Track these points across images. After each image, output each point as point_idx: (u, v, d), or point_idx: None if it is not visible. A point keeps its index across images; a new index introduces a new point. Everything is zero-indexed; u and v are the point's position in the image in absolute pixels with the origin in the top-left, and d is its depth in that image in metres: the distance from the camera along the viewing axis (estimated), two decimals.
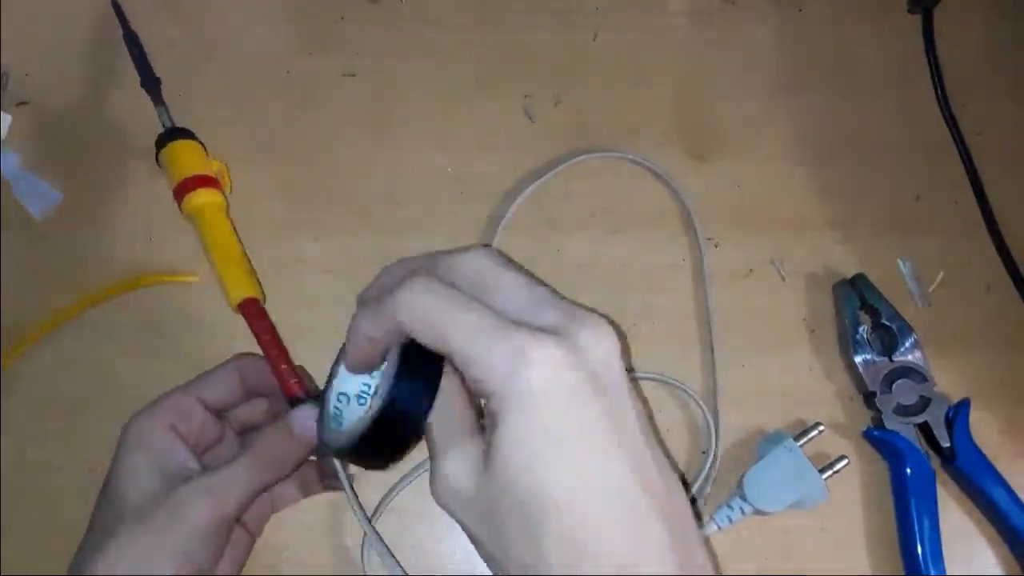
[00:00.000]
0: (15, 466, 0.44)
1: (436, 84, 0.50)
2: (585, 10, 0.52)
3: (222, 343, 0.45)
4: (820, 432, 0.43)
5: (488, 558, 0.27)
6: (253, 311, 0.41)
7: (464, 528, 0.28)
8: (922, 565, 0.41)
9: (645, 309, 0.46)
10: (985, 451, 0.42)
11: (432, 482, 0.28)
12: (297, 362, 0.42)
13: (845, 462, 0.42)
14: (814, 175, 0.48)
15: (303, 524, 0.43)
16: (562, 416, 0.26)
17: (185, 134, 0.46)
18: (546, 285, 0.29)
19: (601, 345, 0.27)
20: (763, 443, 0.43)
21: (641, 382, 0.45)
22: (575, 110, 0.49)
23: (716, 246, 0.47)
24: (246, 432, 0.41)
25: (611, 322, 0.28)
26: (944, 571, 0.41)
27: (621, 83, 0.50)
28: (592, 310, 0.28)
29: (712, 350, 0.45)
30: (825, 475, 0.42)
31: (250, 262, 0.44)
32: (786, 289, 0.47)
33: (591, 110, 0.49)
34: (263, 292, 0.43)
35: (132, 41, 0.48)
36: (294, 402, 0.38)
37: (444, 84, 0.50)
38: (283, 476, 0.36)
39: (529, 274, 0.29)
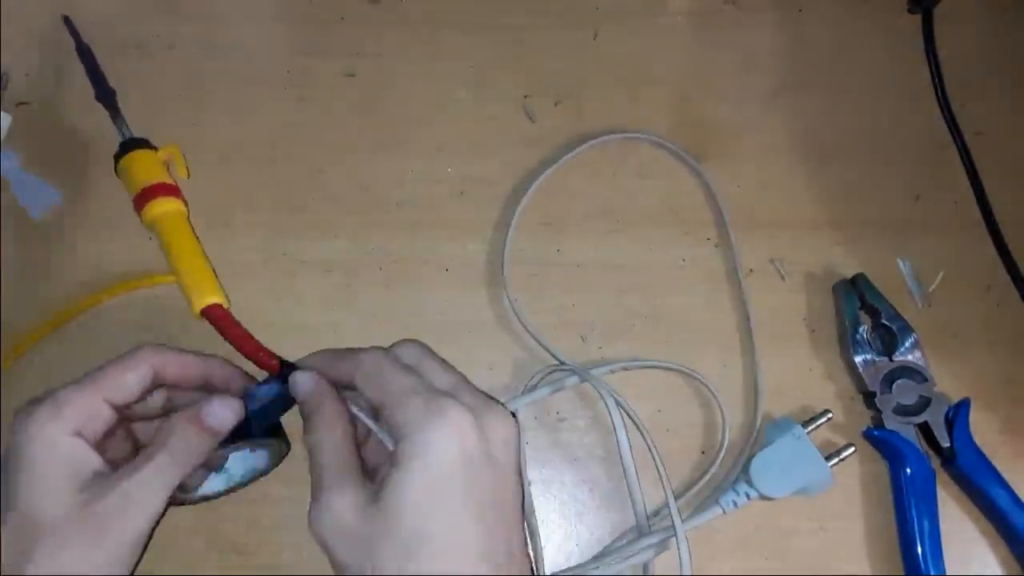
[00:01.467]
0: None
1: (436, 84, 0.50)
2: (585, 10, 0.52)
3: (222, 343, 0.45)
4: (829, 419, 0.43)
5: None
6: (218, 315, 0.41)
7: (332, 554, 0.32)
8: (922, 565, 0.41)
9: (645, 309, 0.46)
10: (985, 451, 0.42)
11: (314, 513, 0.33)
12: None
13: (852, 450, 0.42)
14: (814, 175, 0.48)
15: (303, 524, 0.43)
16: (456, 473, 0.31)
17: (139, 144, 0.45)
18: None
19: (503, 429, 0.34)
20: (770, 428, 0.43)
21: (650, 371, 0.45)
22: (575, 110, 0.49)
23: (716, 246, 0.47)
24: (132, 421, 0.38)
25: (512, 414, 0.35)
26: (944, 571, 0.41)
27: (621, 83, 0.50)
28: (494, 400, 0.35)
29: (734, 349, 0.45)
30: (831, 463, 0.42)
31: (213, 268, 0.43)
32: (786, 289, 0.47)
33: (591, 110, 0.49)
34: (227, 297, 0.43)
35: (84, 54, 0.48)
36: (284, 370, 0.38)
37: (444, 84, 0.50)
38: (194, 469, 0.35)
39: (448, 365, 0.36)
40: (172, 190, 0.44)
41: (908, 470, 0.42)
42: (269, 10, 0.52)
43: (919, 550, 0.41)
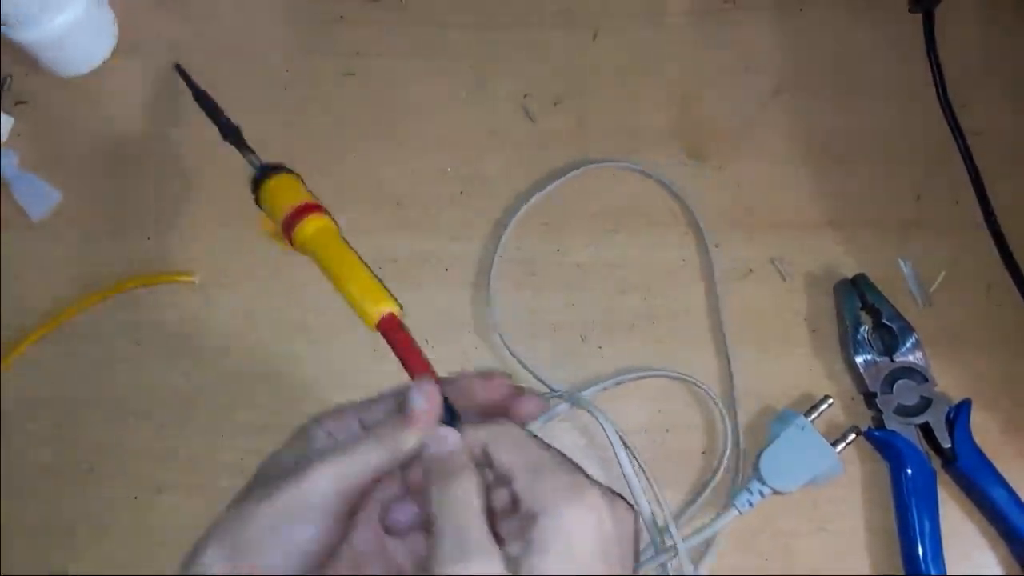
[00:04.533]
0: (15, 466, 0.44)
1: (436, 84, 0.50)
2: (585, 10, 0.51)
3: (222, 343, 0.45)
4: (830, 405, 0.43)
5: None
6: (391, 326, 0.38)
7: None
8: (922, 565, 0.41)
9: (645, 309, 0.46)
10: (986, 452, 0.42)
11: None
12: (294, 361, 0.42)
13: (853, 436, 0.42)
14: (814, 175, 0.48)
15: None
16: (594, 563, 0.29)
17: (278, 170, 0.43)
18: None
19: (630, 519, 0.32)
20: (774, 423, 0.43)
21: (645, 380, 0.45)
22: (575, 110, 0.49)
23: (716, 246, 0.47)
24: None
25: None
26: (944, 571, 0.41)
27: (621, 83, 0.50)
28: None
29: (724, 350, 0.45)
30: (838, 448, 0.42)
31: (378, 277, 0.40)
32: (786, 289, 0.46)
33: (591, 110, 0.49)
34: (399, 304, 0.39)
35: (202, 98, 0.46)
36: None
37: (444, 84, 0.50)
38: (398, 462, 0.33)
39: None
40: (318, 208, 0.41)
41: (909, 470, 0.42)
42: (269, 10, 0.52)
43: (919, 550, 0.41)
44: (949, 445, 0.42)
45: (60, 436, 0.44)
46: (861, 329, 0.44)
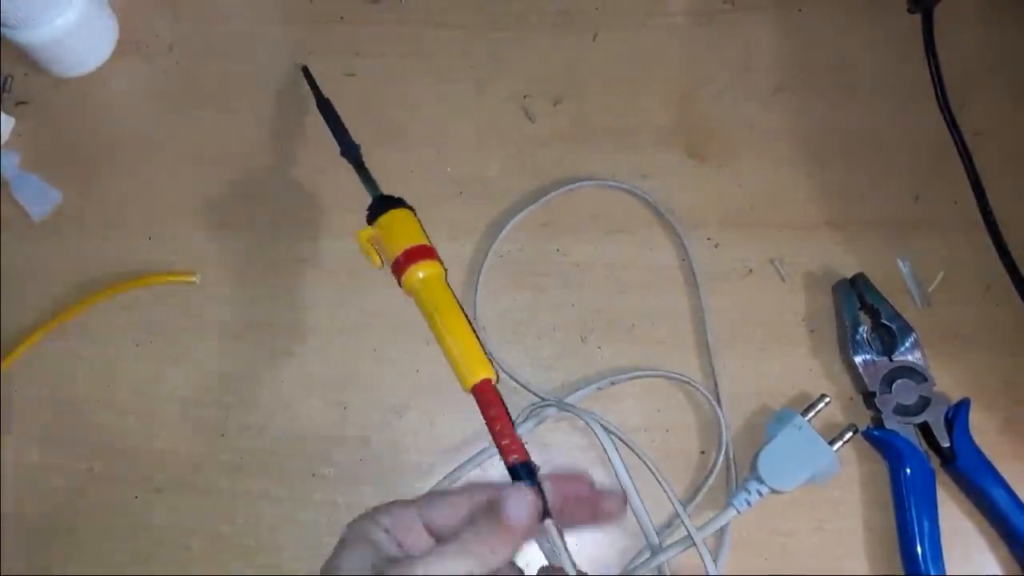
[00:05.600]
0: (15, 466, 0.44)
1: (436, 84, 0.50)
2: (585, 10, 0.52)
3: (222, 343, 0.45)
4: (827, 404, 0.43)
5: None
6: (486, 393, 0.37)
7: None
8: (922, 565, 0.41)
9: (644, 309, 0.46)
10: (985, 451, 0.42)
11: None
12: (295, 362, 0.42)
13: (850, 434, 0.42)
14: (814, 175, 0.48)
15: (303, 524, 0.43)
16: None
17: (397, 203, 0.42)
18: None
19: None
20: (771, 423, 0.44)
21: (644, 381, 0.45)
22: (575, 110, 0.49)
23: (716, 246, 0.47)
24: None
25: None
26: (944, 571, 0.41)
27: (621, 83, 0.50)
28: None
29: (710, 350, 0.45)
30: (835, 446, 0.42)
31: (478, 336, 0.39)
32: (786, 289, 0.47)
33: (591, 110, 0.49)
34: (494, 368, 0.38)
35: (325, 108, 0.45)
36: (513, 474, 0.34)
37: (444, 84, 0.50)
38: (496, 568, 0.31)
39: None
40: (431, 253, 0.40)
41: (908, 470, 0.42)
42: (269, 10, 0.52)
43: (919, 550, 0.41)
44: (948, 444, 0.42)
45: (60, 436, 0.44)
46: (860, 329, 0.44)
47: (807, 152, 0.49)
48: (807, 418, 0.42)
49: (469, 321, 0.39)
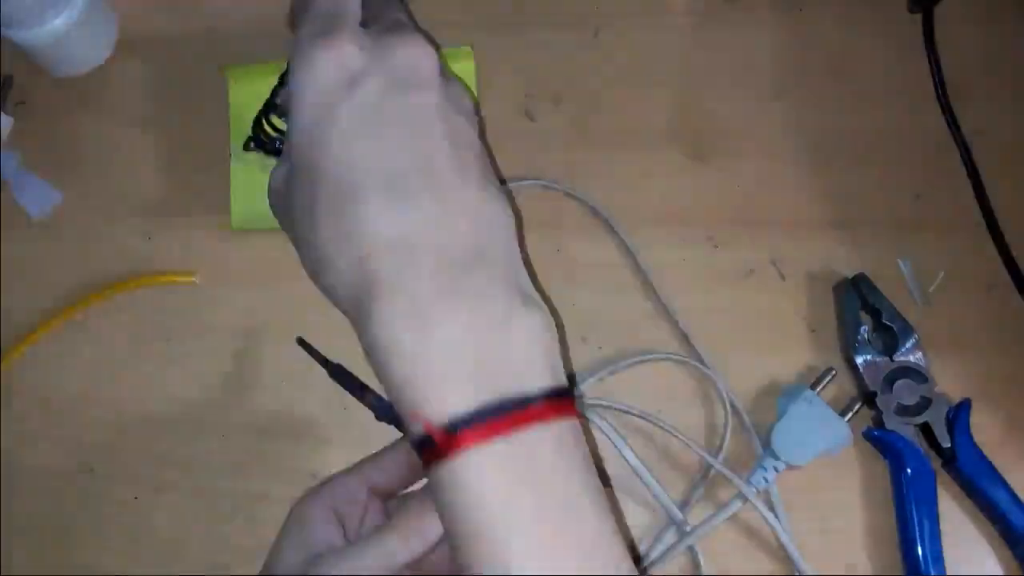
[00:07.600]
0: (15, 466, 0.44)
1: None
2: (585, 10, 0.51)
3: (222, 343, 0.45)
4: (833, 376, 0.44)
5: (298, 248, 0.30)
6: None
7: (282, 227, 0.31)
8: (922, 565, 0.41)
9: (645, 309, 0.46)
10: (986, 452, 0.42)
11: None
12: (295, 362, 0.42)
13: (859, 405, 0.43)
14: (814, 175, 0.48)
15: None
16: (340, 101, 0.27)
17: None
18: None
19: (408, 50, 0.28)
20: (782, 398, 0.44)
21: (651, 363, 0.45)
22: (575, 110, 0.49)
23: (716, 246, 0.47)
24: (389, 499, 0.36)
25: None
26: (944, 572, 0.41)
27: (621, 83, 0.50)
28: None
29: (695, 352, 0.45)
30: (846, 418, 0.43)
31: None
32: (786, 289, 0.46)
33: (591, 110, 0.49)
34: None
35: (340, 375, 0.43)
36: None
37: None
38: (429, 549, 0.31)
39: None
40: None
41: (908, 470, 0.42)
42: (269, 10, 0.52)
43: (919, 550, 0.41)
44: (949, 445, 0.42)
45: (60, 436, 0.44)
46: (861, 329, 0.44)
47: (807, 152, 0.49)
48: (816, 391, 0.43)
49: None
